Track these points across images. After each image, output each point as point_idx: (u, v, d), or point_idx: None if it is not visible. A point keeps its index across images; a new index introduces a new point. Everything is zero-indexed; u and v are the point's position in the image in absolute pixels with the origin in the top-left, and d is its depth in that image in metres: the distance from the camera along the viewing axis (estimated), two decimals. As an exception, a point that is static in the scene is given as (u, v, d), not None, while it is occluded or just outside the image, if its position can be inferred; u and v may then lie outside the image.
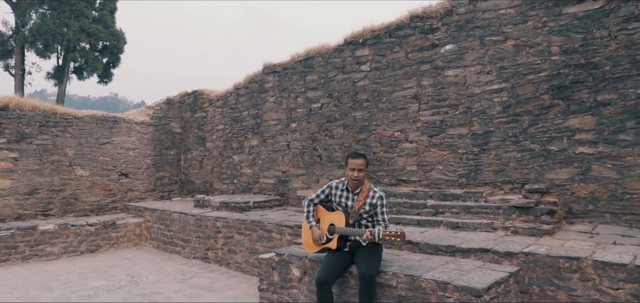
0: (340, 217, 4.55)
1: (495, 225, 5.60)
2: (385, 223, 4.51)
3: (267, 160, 10.01)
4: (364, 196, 4.54)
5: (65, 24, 25.85)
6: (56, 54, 27.46)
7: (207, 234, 8.54)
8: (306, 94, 9.18)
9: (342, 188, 4.65)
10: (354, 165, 4.48)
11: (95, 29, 26.41)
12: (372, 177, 7.95)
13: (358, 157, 4.54)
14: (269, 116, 10.01)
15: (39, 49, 26.15)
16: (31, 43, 26.20)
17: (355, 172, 4.46)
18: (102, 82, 30.28)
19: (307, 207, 4.75)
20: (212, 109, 11.70)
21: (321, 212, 4.77)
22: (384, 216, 4.54)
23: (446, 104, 7.03)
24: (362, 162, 4.52)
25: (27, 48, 26.77)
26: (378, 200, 4.52)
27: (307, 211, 4.75)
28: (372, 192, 4.56)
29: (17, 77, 26.76)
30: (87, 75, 29.12)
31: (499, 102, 6.48)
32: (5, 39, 26.38)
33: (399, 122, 7.64)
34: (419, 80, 7.39)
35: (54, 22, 25.46)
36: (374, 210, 4.53)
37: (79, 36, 26.09)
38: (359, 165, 4.48)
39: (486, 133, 6.59)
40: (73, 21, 25.67)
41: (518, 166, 6.29)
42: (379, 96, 7.92)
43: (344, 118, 8.48)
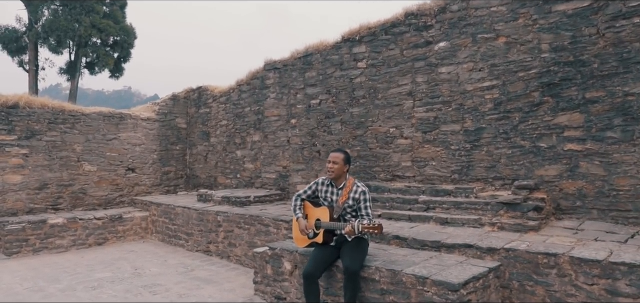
0: (325, 212, 4.73)
1: (483, 221, 5.72)
2: (369, 218, 4.68)
3: (269, 156, 10.20)
4: (347, 191, 4.71)
5: (76, 20, 26.31)
6: (68, 50, 27.96)
7: (208, 228, 8.78)
8: (305, 90, 9.34)
9: (327, 184, 4.84)
10: (330, 158, 4.71)
11: (105, 24, 26.83)
12: (368, 173, 8.10)
13: (337, 151, 4.77)
14: (270, 112, 10.19)
15: (51, 45, 26.65)
16: (44, 39, 26.71)
17: (329, 164, 4.70)
18: (113, 77, 30.77)
19: (295, 202, 4.96)
20: (215, 105, 11.92)
21: (309, 207, 4.95)
22: (367, 210, 4.70)
23: (440, 101, 7.14)
24: (338, 156, 4.75)
25: (40, 44, 27.28)
26: (361, 194, 4.69)
27: (294, 205, 4.95)
28: (355, 186, 4.73)
29: (30, 72, 27.32)
30: (99, 70, 29.63)
31: (490, 98, 6.57)
32: (19, 35, 26.92)
33: (394, 119, 7.77)
34: (413, 77, 7.49)
35: (66, 18, 25.92)
36: (358, 204, 4.70)
37: (90, 31, 26.53)
38: (334, 158, 4.74)
39: (478, 129, 6.69)
40: (84, 17, 26.10)
41: (509, 162, 6.38)
42: (375, 93, 8.04)
43: (341, 114, 8.62)
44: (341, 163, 4.73)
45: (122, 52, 29.20)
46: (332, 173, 4.73)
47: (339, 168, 4.73)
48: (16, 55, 27.73)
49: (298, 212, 4.89)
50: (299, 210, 4.91)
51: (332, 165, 4.71)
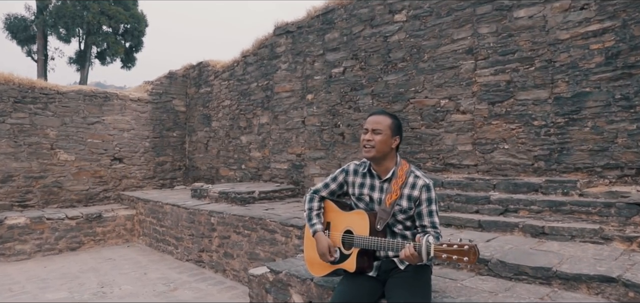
0: (361, 220, 2.68)
1: (607, 232, 3.61)
2: (437, 230, 2.62)
3: (279, 141, 8.21)
4: (399, 184, 2.64)
5: (84, 7, 24.85)
6: (78, 39, 26.59)
7: (200, 232, 6.84)
8: (325, 56, 7.31)
9: (363, 173, 2.78)
10: (367, 123, 2.66)
11: (115, 11, 25.34)
12: (409, 161, 6.02)
13: (379, 114, 2.68)
14: (280, 87, 8.19)
15: (60, 34, 25.33)
16: (51, 26, 25.34)
17: (367, 134, 2.64)
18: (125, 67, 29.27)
19: (310, 203, 2.91)
20: (217, 82, 9.98)
21: (332, 211, 2.90)
22: (432, 218, 2.63)
23: (515, 58, 5.02)
24: (382, 120, 2.64)
25: (49, 32, 25.94)
26: (423, 190, 2.62)
27: (308, 208, 2.90)
28: (413, 177, 2.66)
29: (39, 62, 25.96)
30: (110, 60, 28.17)
31: (599, 49, 4.43)
32: (28, 24, 25.60)
33: (447, 86, 5.68)
34: (475, 27, 5.39)
35: (74, 5, 24.51)
36: (418, 207, 2.63)
37: (99, 19, 25.05)
38: (375, 123, 2.63)
39: (578, 96, 4.56)
40: (93, 3, 24.65)
41: (631, 143, 4.25)
42: (419, 53, 5.96)
43: (372, 84, 6.56)
44: (388, 133, 2.66)
45: (133, 41, 27.69)
46: (372, 150, 2.66)
47: (384, 141, 2.65)
48: (25, 44, 26.45)
49: (315, 220, 2.85)
50: (316, 217, 2.86)
51: (372, 135, 2.63)
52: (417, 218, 2.64)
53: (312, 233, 2.83)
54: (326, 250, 2.72)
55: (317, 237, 2.79)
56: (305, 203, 2.94)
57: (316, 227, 2.82)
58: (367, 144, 2.63)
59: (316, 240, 2.79)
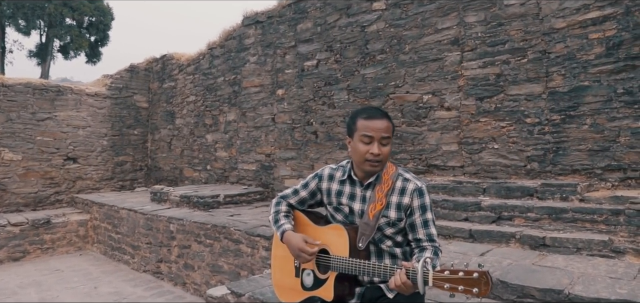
0: (339, 237, 2.09)
1: (617, 244, 3.17)
2: (435, 244, 2.06)
3: (247, 140, 7.59)
4: (385, 190, 2.07)
5: (46, -3, 23.57)
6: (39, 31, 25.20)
7: (159, 241, 6.17)
8: (297, 48, 6.73)
9: (340, 179, 2.19)
10: (372, 130, 1.95)
11: (79, 3, 24.08)
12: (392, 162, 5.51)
13: (378, 117, 2.02)
14: (249, 81, 7.57)
15: (19, 25, 23.94)
16: (10, 18, 23.91)
17: (374, 146, 1.95)
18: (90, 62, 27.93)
19: (276, 207, 2.29)
20: (182, 77, 9.27)
21: (303, 224, 2.30)
22: (428, 229, 2.06)
23: (506, 49, 4.57)
24: (388, 125, 2.02)
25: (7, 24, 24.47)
26: (414, 196, 2.04)
27: (275, 211, 2.28)
28: (402, 181, 2.08)
29: (-4, 55, 24.49)
30: (74, 54, 26.80)
31: (599, 39, 4.01)
32: (-16, 15, 24.08)
33: (430, 80, 5.19)
34: (461, 16, 4.92)
35: (34, -4, 23.20)
36: (410, 217, 2.07)
37: (62, 10, 23.74)
38: (382, 130, 1.96)
39: (576, 90, 4.14)
40: (54, -6, 23.39)
41: (635, 142, 3.84)
42: (400, 44, 5.46)
43: (348, 78, 6.03)
44: (390, 143, 2.07)
45: (99, 34, 26.42)
46: (378, 166, 2.06)
47: (389, 152, 2.07)
48: (-18, 37, 24.88)
49: (283, 221, 2.21)
50: (284, 218, 2.24)
51: (380, 148, 1.96)
52: (409, 230, 2.08)
53: (281, 235, 2.20)
54: (303, 245, 2.09)
55: (288, 236, 2.17)
56: (271, 207, 2.34)
57: (285, 226, 2.19)
58: (374, 160, 1.95)
59: (287, 242, 2.17)
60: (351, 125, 2.01)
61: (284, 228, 2.19)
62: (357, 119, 2.01)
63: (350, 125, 2.03)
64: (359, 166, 2.06)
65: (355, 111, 2.09)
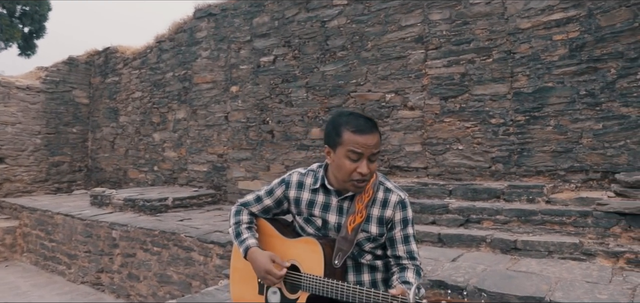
0: (312, 252, 1.81)
1: (587, 246, 3.12)
2: (416, 262, 1.83)
3: (198, 139, 7.16)
4: (366, 201, 1.82)
5: (-29, -17, 21.66)
6: (-36, 21, 23.14)
7: (99, 249, 5.63)
8: (253, 43, 6.41)
9: (312, 187, 1.89)
10: (362, 147, 1.62)
11: (9, -11, 22.32)
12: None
13: (369, 130, 1.64)
14: (201, 77, 7.15)
15: (-60, 14, 21.83)
16: None
17: (363, 165, 1.63)
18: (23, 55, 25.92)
19: (237, 216, 1.96)
20: (127, 71, 8.66)
21: (269, 236, 2.00)
22: (409, 245, 1.81)
23: (471, 48, 4.49)
24: (378, 140, 1.74)
25: None
26: (397, 209, 1.79)
27: (235, 222, 1.95)
28: (384, 191, 1.81)
29: None
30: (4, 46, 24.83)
31: (563, 40, 4.00)
32: None
33: (393, 79, 5.05)
34: (425, 13, 4.80)
35: (-44, -20, 21.24)
36: (390, 232, 1.82)
37: (-11, -2, 21.94)
38: (373, 146, 1.63)
39: (540, 91, 4.11)
40: (-19, -21, 21.52)
41: (597, 144, 3.84)
42: (362, 41, 5.28)
43: (307, 75, 5.78)
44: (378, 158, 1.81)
45: (34, 25, 24.58)
46: (363, 186, 1.77)
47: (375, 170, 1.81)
48: None
49: (246, 234, 1.89)
50: (247, 231, 1.92)
51: (368, 166, 1.64)
52: (388, 245, 1.83)
53: (244, 251, 1.89)
54: (270, 266, 1.79)
55: (252, 254, 1.87)
56: (231, 217, 2.02)
57: (249, 242, 1.88)
58: (361, 179, 1.65)
59: (252, 261, 1.87)
60: (334, 136, 1.65)
61: (248, 244, 1.88)
62: (342, 130, 1.64)
63: (333, 135, 1.66)
64: (339, 183, 1.75)
65: (339, 119, 1.72)
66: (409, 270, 1.76)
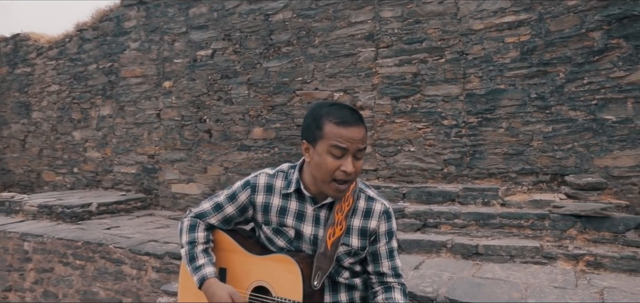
0: (287, 272, 1.51)
1: (547, 250, 3.09)
2: (401, 281, 1.59)
3: (126, 139, 6.52)
4: (345, 211, 1.56)
5: None
6: None
7: (7, 264, 4.89)
8: (189, 35, 5.93)
9: (283, 192, 1.60)
10: (348, 140, 1.35)
11: None
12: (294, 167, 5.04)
13: (354, 122, 1.38)
14: (129, 71, 6.52)
15: None
16: None
17: (348, 162, 1.36)
18: None
19: (191, 233, 1.61)
20: (42, 62, 7.74)
21: (229, 251, 1.66)
22: (394, 261, 1.57)
23: (424, 48, 4.40)
24: (364, 134, 1.43)
25: None
26: (382, 219, 1.54)
27: (189, 241, 1.60)
28: (365, 200, 1.56)
29: None
30: None
31: (514, 43, 4.01)
32: None
33: (342, 77, 4.84)
34: (376, 10, 4.65)
35: None
36: (373, 245, 1.58)
37: None
38: (359, 140, 1.37)
39: (492, 93, 4.09)
40: None
41: (547, 146, 3.88)
42: (309, 36, 5.03)
43: (249, 71, 5.43)
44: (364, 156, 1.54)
45: None
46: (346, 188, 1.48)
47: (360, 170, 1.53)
48: None
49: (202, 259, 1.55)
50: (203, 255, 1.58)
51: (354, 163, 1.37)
52: (370, 260, 1.57)
53: (199, 281, 1.54)
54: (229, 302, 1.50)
55: (210, 288, 1.54)
56: (183, 233, 1.65)
57: (205, 271, 1.55)
58: (345, 180, 1.38)
59: (208, 294, 1.54)
60: (314, 129, 1.39)
61: (204, 274, 1.53)
62: (324, 122, 1.37)
63: (313, 128, 1.40)
64: (318, 185, 1.46)
65: (320, 110, 1.43)
66: (395, 291, 1.54)
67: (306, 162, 1.48)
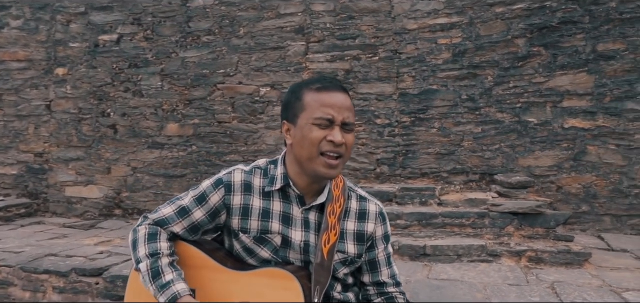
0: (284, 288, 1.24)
1: (491, 248, 3.14)
2: (401, 290, 1.42)
3: (5, 134, 5.50)
4: (337, 213, 1.34)
5: None
6: None
7: None
8: (89, 16, 5.18)
9: (265, 191, 1.30)
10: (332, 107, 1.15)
11: None
12: (215, 165, 4.65)
13: (337, 89, 1.19)
14: (9, 54, 5.51)
15: None
16: None
17: (335, 131, 1.15)
18: None
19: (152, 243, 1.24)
20: None
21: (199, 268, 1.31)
22: (392, 269, 1.40)
23: (357, 45, 4.30)
24: (350, 104, 1.22)
25: None
26: (378, 222, 1.37)
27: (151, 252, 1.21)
28: (358, 200, 1.36)
29: None
30: None
31: (447, 45, 4.09)
32: None
33: (270, 71, 4.56)
34: (307, 3, 4.45)
35: None
36: (370, 252, 1.37)
37: None
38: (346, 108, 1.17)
39: (425, 93, 4.13)
40: None
41: (477, 147, 4.01)
42: (233, 26, 4.67)
43: (163, 60, 4.89)
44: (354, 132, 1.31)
45: None
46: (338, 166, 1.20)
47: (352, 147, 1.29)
48: None
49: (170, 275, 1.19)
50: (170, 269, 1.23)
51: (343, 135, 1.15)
52: (368, 269, 1.36)
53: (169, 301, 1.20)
54: None
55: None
56: (139, 244, 1.27)
57: (176, 288, 1.19)
58: (335, 153, 1.15)
59: None
60: (294, 102, 1.20)
61: (175, 291, 1.20)
62: (303, 92, 1.18)
63: (293, 102, 1.20)
64: (307, 166, 1.18)
65: (297, 84, 1.23)
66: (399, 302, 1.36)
67: (288, 150, 1.25)
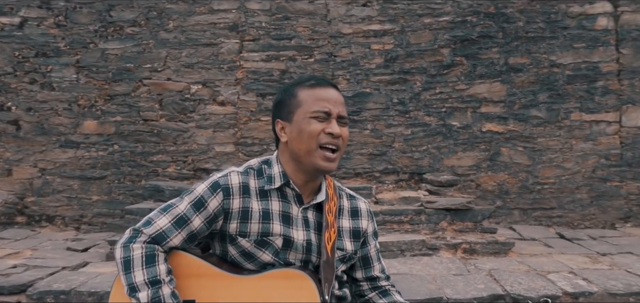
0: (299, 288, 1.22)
1: (429, 242, 3.37)
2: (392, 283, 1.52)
3: None
4: (333, 211, 1.38)
5: None
6: None
7: None
8: (-16, -5, 4.55)
9: (263, 190, 1.29)
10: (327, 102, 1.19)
11: None
12: (140, 165, 4.38)
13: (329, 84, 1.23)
14: None
15: None
16: None
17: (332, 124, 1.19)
18: None
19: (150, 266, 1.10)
20: None
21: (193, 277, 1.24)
22: (382, 263, 1.50)
23: (293, 45, 4.33)
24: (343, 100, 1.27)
25: None
26: (369, 219, 1.45)
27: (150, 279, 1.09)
28: (348, 198, 1.42)
29: None
30: None
31: (380, 50, 4.30)
32: None
33: (201, 68, 4.40)
34: (242, 0, 4.38)
35: None
36: (363, 248, 1.44)
37: None
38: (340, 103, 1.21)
39: (359, 96, 4.30)
40: None
41: (407, 148, 4.27)
42: (162, 18, 4.43)
43: (78, 51, 4.46)
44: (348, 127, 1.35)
45: None
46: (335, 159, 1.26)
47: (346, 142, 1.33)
48: None
49: None
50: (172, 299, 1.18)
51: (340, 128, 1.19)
52: (360, 265, 1.41)
53: None
54: None
55: None
56: (135, 267, 1.14)
57: None
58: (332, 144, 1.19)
59: None
60: (288, 100, 1.23)
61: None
62: (297, 90, 1.22)
63: (286, 100, 1.23)
64: (306, 159, 1.20)
65: (288, 84, 1.26)
66: (394, 294, 1.43)
67: (282, 149, 1.26)
